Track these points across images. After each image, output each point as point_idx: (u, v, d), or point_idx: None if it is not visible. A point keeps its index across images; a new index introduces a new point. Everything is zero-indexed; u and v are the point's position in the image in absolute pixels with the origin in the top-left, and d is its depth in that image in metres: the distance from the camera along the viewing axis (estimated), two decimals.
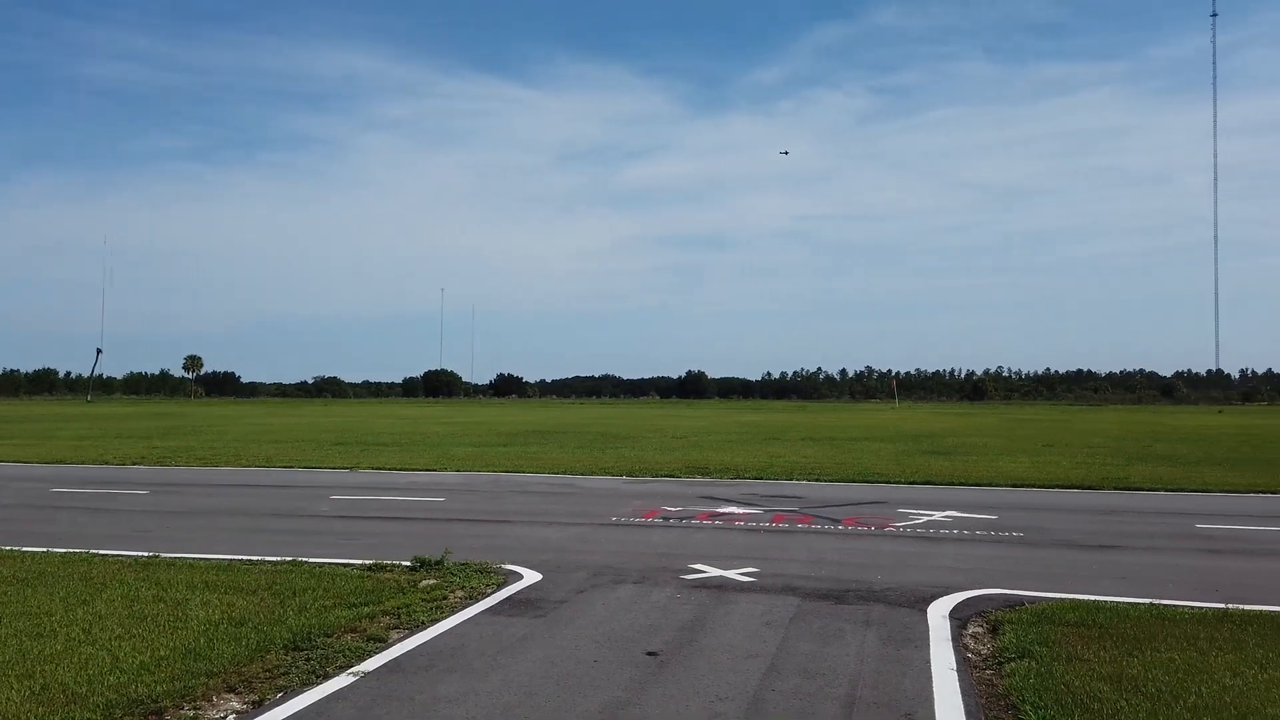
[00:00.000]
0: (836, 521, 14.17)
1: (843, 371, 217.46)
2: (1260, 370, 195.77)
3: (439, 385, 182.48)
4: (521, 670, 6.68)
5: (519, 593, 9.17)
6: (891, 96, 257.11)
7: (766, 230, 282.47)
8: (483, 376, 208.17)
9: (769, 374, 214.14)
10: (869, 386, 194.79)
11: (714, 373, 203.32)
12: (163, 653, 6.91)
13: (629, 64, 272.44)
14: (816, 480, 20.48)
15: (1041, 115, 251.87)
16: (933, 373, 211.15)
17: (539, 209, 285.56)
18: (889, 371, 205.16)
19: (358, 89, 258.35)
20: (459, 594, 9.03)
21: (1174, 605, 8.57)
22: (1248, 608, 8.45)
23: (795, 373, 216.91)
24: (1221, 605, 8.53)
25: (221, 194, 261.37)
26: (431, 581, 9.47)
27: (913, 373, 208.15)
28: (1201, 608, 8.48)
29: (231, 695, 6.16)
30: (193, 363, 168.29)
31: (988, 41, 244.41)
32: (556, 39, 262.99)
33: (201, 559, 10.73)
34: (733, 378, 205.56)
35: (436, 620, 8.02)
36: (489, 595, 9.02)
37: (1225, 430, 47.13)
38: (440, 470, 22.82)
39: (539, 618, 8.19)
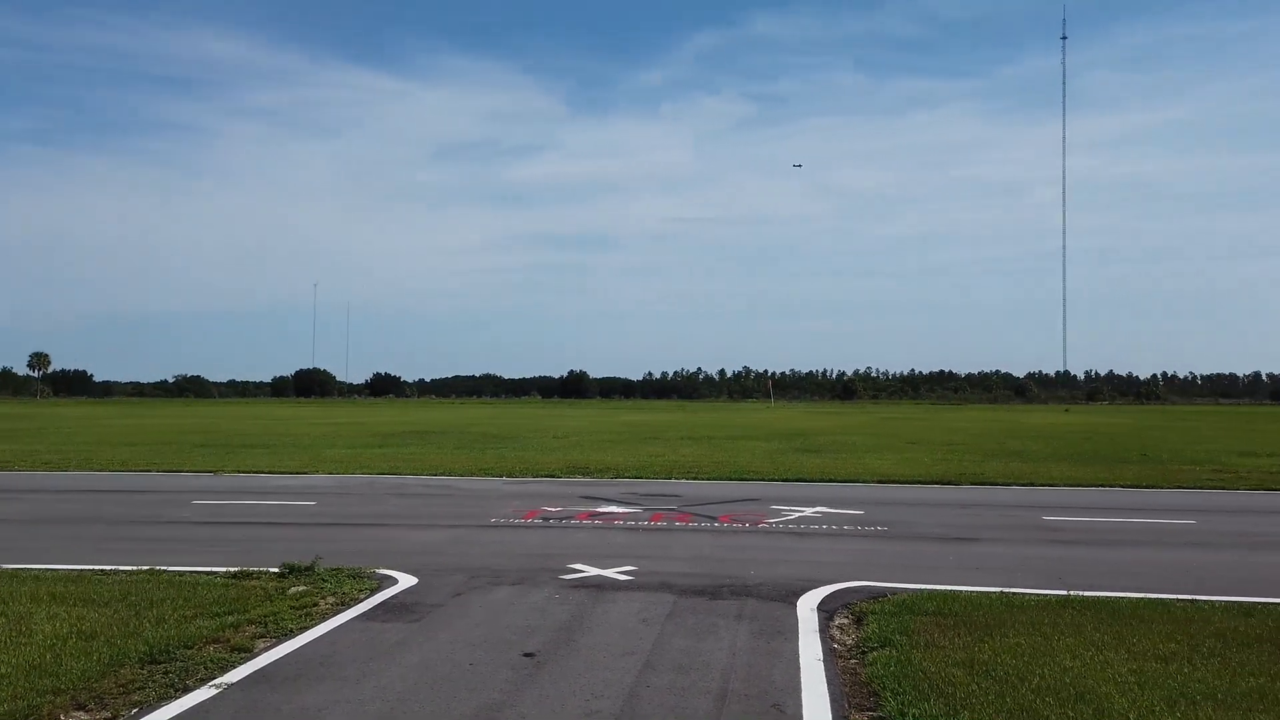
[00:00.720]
0: (713, 519, 14.47)
1: (722, 372, 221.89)
2: (1103, 372, 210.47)
3: (311, 385, 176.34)
4: (395, 676, 6.57)
5: (394, 597, 9.00)
6: (767, 104, 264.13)
7: (647, 231, 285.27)
8: (358, 376, 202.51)
9: (650, 374, 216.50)
10: (747, 386, 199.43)
11: (596, 373, 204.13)
12: (3, 670, 6.47)
13: (510, 60, 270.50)
14: (695, 479, 20.84)
15: (906, 127, 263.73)
16: (806, 373, 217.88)
17: (416, 204, 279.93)
18: (765, 372, 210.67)
19: (222, 74, 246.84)
20: (330, 600, 8.80)
21: (1022, 593, 9.15)
22: (1087, 594, 9.10)
23: (676, 373, 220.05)
24: (1064, 592, 9.15)
25: (69, 180, 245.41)
26: (301, 588, 9.19)
27: (787, 373, 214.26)
28: (1046, 595, 9.08)
29: (81, 713, 5.83)
30: (38, 360, 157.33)
31: (857, 55, 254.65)
32: (435, 32, 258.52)
33: (48, 570, 10.07)
34: (615, 378, 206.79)
35: (306, 628, 7.79)
36: (362, 601, 8.81)
37: (1071, 428, 50.46)
38: (312, 473, 22.09)
39: (414, 622, 8.07)
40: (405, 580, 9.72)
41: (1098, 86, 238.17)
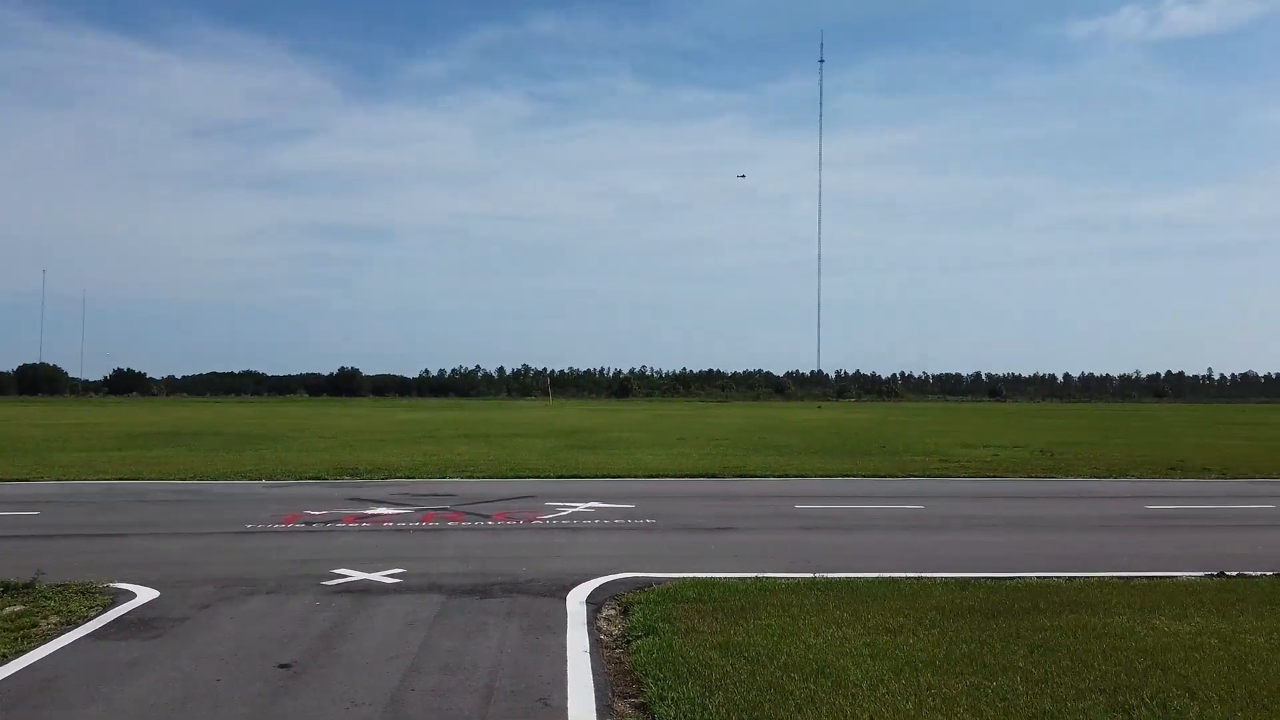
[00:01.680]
0: (487, 517, 14.37)
1: (501, 369, 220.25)
2: (851, 371, 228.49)
3: (38, 381, 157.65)
4: (129, 698, 6.03)
5: (130, 613, 8.25)
6: (550, 103, 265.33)
7: (425, 225, 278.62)
8: (96, 372, 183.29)
9: (427, 371, 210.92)
10: (526, 384, 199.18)
11: (369, 370, 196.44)
12: None
13: (277, 37, 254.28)
14: (470, 477, 20.59)
15: (682, 136, 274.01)
16: (584, 371, 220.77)
17: (169, 187, 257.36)
18: (545, 370, 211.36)
19: None
20: (54, 620, 7.93)
21: (774, 577, 9.78)
22: (831, 575, 9.87)
23: (454, 370, 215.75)
24: (811, 575, 9.88)
25: None
26: (17, 608, 8.21)
27: (566, 371, 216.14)
28: (795, 578, 9.75)
29: None
30: None
31: (637, 62, 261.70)
32: (194, 1, 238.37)
33: None
34: (389, 375, 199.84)
35: (23, 652, 6.98)
36: (93, 619, 8.01)
37: (823, 423, 54.42)
38: (37, 480, 19.77)
39: (154, 639, 7.43)
40: (145, 594, 8.94)
41: (852, 108, 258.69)
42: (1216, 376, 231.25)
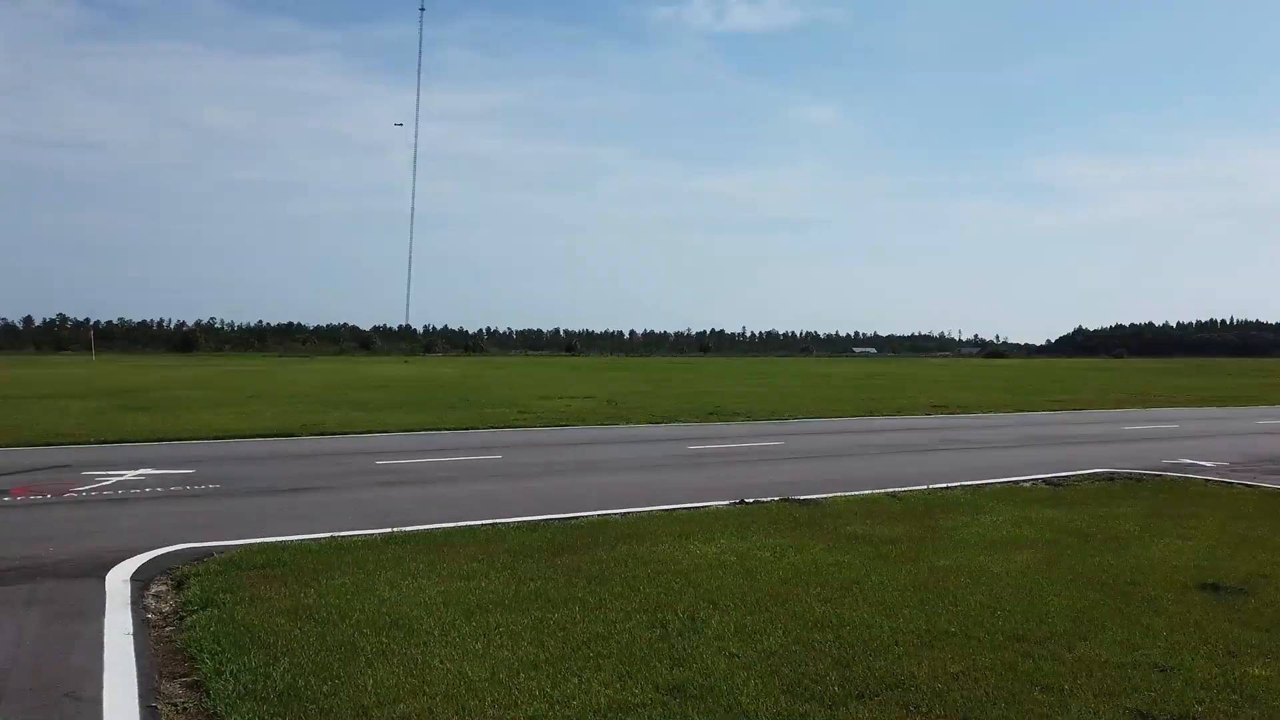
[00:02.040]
0: (4, 492, 12.24)
1: (28, 319, 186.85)
2: (439, 326, 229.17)
3: None
4: None
5: None
6: (107, 12, 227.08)
7: None
8: None
9: None
10: (62, 337, 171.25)
11: None
12: None
13: None
14: None
15: (267, 69, 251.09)
16: (139, 322, 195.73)
17: None
18: (87, 321, 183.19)
19: None
20: None
21: (351, 535, 9.61)
22: (410, 529, 9.93)
23: None
24: (389, 530, 9.86)
25: None
26: None
27: (115, 322, 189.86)
28: (373, 534, 9.67)
29: None
30: None
31: None
32: None
33: None
34: None
35: None
36: None
37: (409, 378, 54.06)
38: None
39: None
40: None
41: (452, 62, 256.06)
42: (748, 334, 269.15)
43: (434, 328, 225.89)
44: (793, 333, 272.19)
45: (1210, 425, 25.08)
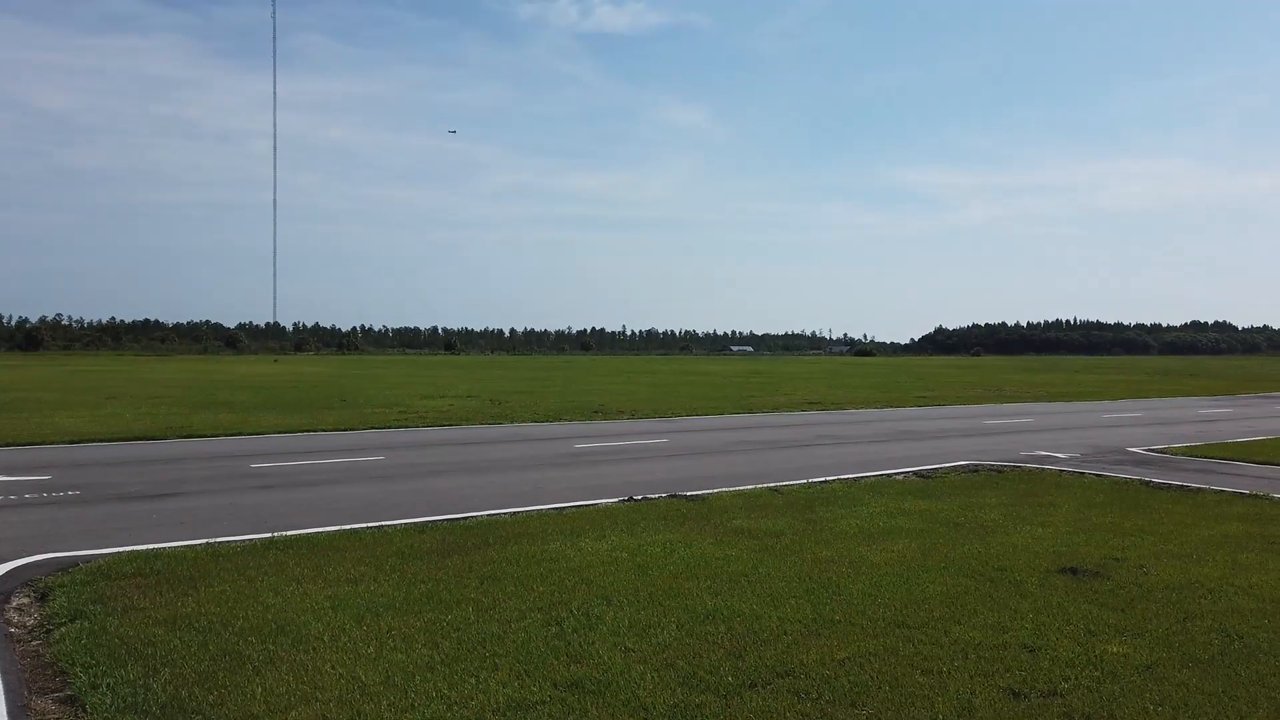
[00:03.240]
0: None
1: None
2: (310, 323, 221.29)
3: None
4: None
5: None
6: None
7: None
8: None
9: None
10: None
11: None
12: None
13: None
14: None
15: (107, 50, 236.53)
16: None
17: None
18: None
19: None
20: None
21: (228, 541, 9.23)
22: (290, 533, 9.62)
23: None
24: (269, 535, 9.52)
25: None
26: None
27: None
28: (252, 539, 9.32)
29: None
30: None
31: None
32: None
33: None
34: None
35: None
36: None
37: (280, 377, 52.05)
38: None
39: None
40: None
41: (309, 49, 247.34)
42: (629, 333, 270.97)
43: (305, 325, 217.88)
44: (672, 331, 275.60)
45: (1061, 419, 26.83)
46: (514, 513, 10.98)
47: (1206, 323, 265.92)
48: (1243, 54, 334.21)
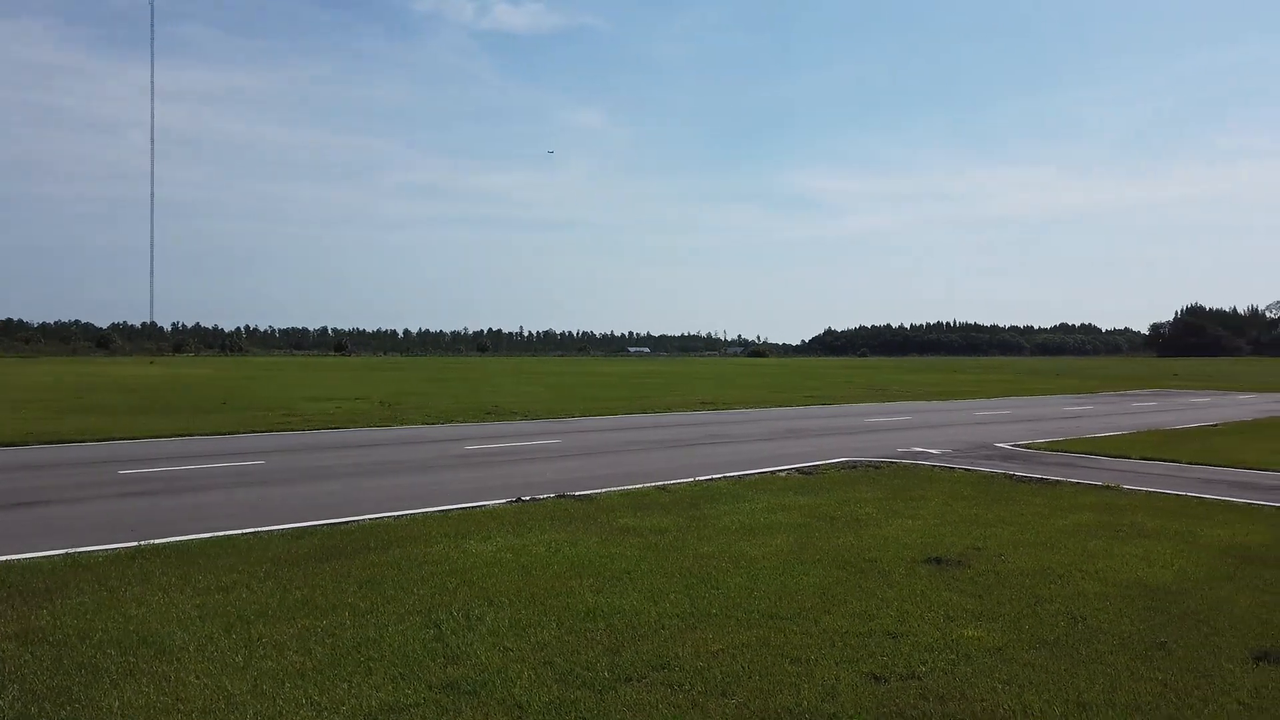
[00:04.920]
0: None
1: None
2: (190, 323, 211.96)
3: None
4: None
5: None
6: None
7: None
8: None
9: None
10: None
11: None
12: None
13: None
14: None
15: None
16: None
17: None
18: None
19: None
20: None
21: (91, 551, 8.81)
22: (159, 541, 9.24)
23: None
24: (136, 543, 9.13)
25: None
26: None
27: None
28: (117, 549, 8.92)
29: None
30: None
31: None
32: None
33: None
34: None
35: None
36: None
37: (157, 380, 49.70)
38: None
39: None
40: None
41: (193, 38, 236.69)
42: (527, 334, 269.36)
43: (184, 326, 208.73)
44: (570, 332, 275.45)
45: (937, 417, 28.02)
46: (398, 516, 10.82)
47: (1074, 325, 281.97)
48: (1115, 71, 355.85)
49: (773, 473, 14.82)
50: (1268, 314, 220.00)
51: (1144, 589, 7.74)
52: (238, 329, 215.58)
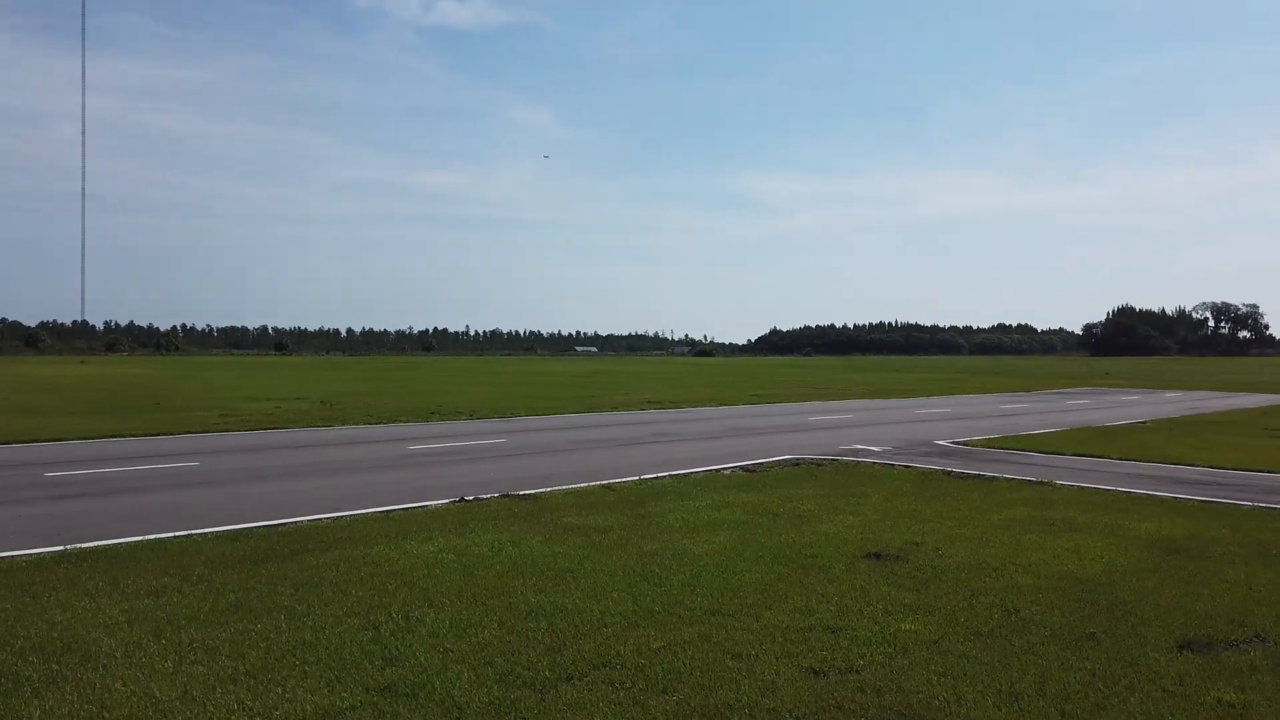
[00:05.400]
0: None
1: None
2: (123, 322, 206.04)
3: None
4: None
5: None
6: None
7: None
8: None
9: None
10: None
11: None
12: None
13: None
14: None
15: None
16: None
17: None
18: None
19: None
20: None
21: (12, 556, 8.50)
22: (87, 545, 8.95)
23: None
24: (61, 548, 8.83)
25: None
26: None
27: None
28: (41, 553, 8.62)
29: None
30: None
31: None
32: None
33: None
34: None
35: None
36: None
37: (88, 380, 48.21)
38: None
39: None
40: None
41: (126, 29, 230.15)
42: (473, 333, 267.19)
43: (118, 324, 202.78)
44: (517, 332, 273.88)
45: (878, 415, 28.45)
46: (337, 517, 10.64)
47: (1011, 325, 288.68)
48: (1045, 77, 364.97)
49: (717, 470, 14.90)
50: (1194, 315, 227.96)
51: (1075, 581, 7.94)
52: (173, 328, 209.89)
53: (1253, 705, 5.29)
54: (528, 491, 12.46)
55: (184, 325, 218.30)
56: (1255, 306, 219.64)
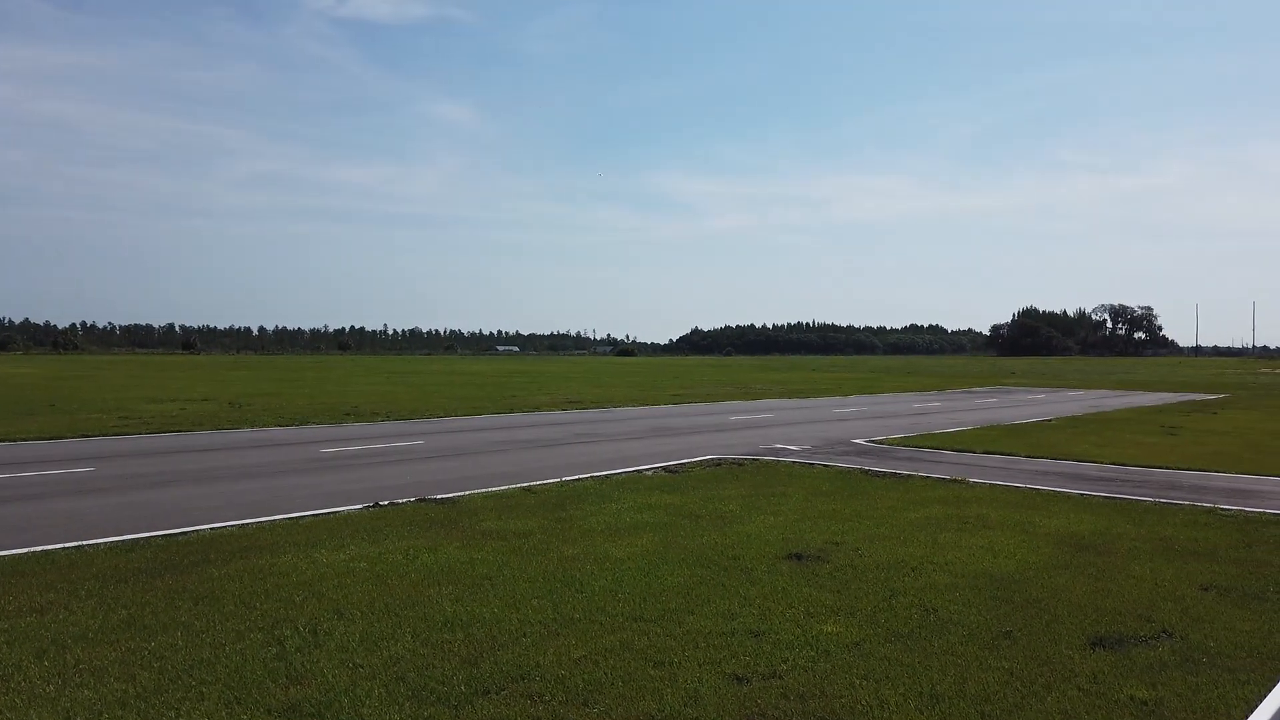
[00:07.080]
0: None
1: None
2: (17, 320, 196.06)
3: None
4: None
5: None
6: None
7: None
8: None
9: None
10: None
11: None
12: None
13: None
14: None
15: None
16: None
17: None
18: None
19: None
20: None
21: None
22: None
23: None
24: None
25: None
26: None
27: None
28: None
29: None
30: None
31: None
32: None
33: None
34: None
35: None
36: None
37: None
38: None
39: None
40: None
41: (20, 10, 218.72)
42: (391, 332, 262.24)
43: (11, 322, 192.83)
44: (437, 331, 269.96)
45: (798, 415, 28.79)
46: (242, 525, 10.16)
47: (923, 326, 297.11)
48: (957, 86, 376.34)
49: (639, 472, 14.79)
50: (1093, 316, 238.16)
51: (990, 579, 8.06)
52: (72, 325, 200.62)
53: (1164, 701, 5.40)
54: (445, 495, 12.14)
55: (84, 323, 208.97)
56: (1149, 309, 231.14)
